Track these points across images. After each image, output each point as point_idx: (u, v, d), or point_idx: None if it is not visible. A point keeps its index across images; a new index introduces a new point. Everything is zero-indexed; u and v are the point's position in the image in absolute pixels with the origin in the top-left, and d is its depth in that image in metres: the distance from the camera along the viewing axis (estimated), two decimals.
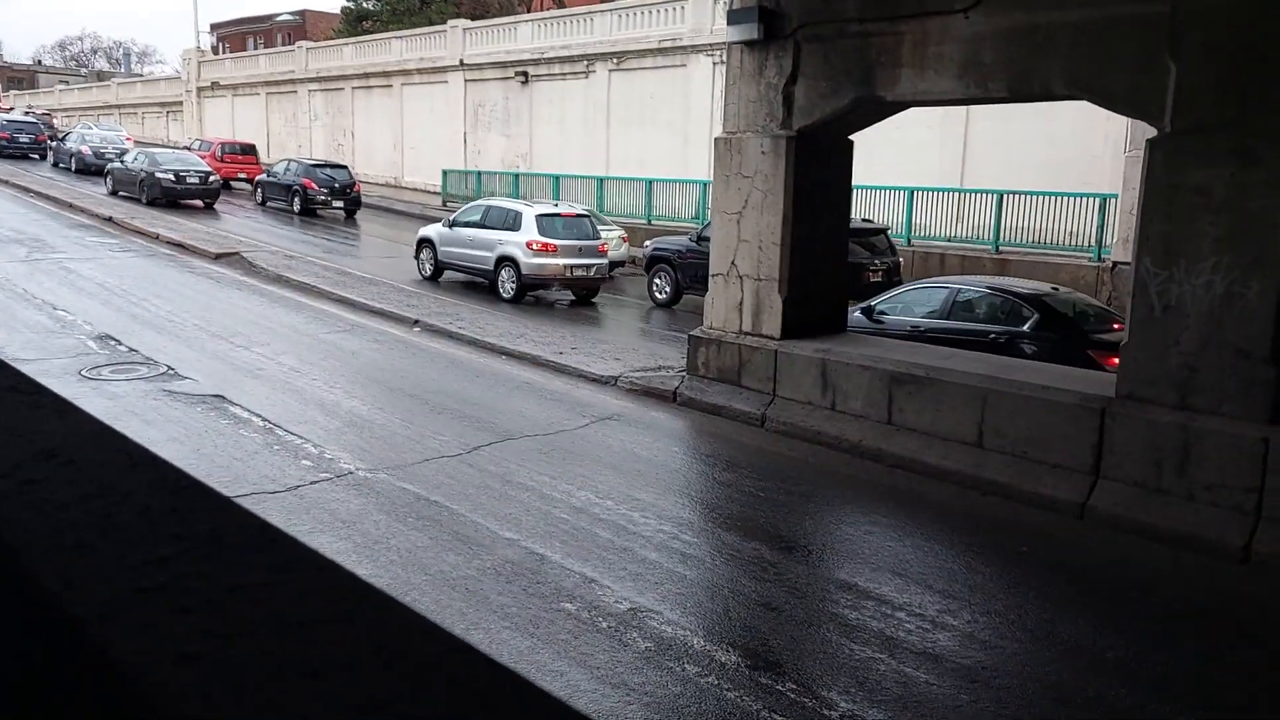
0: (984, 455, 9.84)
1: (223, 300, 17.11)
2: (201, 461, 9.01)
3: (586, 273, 19.03)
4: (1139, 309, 9.04)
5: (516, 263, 18.60)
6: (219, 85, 51.54)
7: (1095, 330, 11.81)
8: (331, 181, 31.02)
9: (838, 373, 11.12)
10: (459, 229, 20.10)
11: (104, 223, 25.33)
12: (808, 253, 11.93)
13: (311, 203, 30.61)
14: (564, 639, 6.24)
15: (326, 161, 33.72)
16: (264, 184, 32.66)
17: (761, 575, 7.46)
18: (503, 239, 18.92)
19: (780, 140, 11.64)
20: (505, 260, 18.84)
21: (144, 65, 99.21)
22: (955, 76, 10.18)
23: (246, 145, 38.85)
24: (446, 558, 7.34)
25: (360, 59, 42.12)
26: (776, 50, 11.65)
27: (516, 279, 18.70)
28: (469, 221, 20.02)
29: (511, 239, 18.75)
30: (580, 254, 18.84)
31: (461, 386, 12.52)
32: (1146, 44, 8.86)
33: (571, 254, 18.70)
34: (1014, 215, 19.96)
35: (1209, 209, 8.51)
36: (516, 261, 18.60)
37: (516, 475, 9.20)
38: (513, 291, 18.78)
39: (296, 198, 30.82)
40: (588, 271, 19.02)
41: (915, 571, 7.67)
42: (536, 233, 18.53)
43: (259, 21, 73.99)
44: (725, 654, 6.20)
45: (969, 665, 6.23)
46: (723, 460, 10.47)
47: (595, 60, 31.75)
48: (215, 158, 35.24)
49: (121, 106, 62.04)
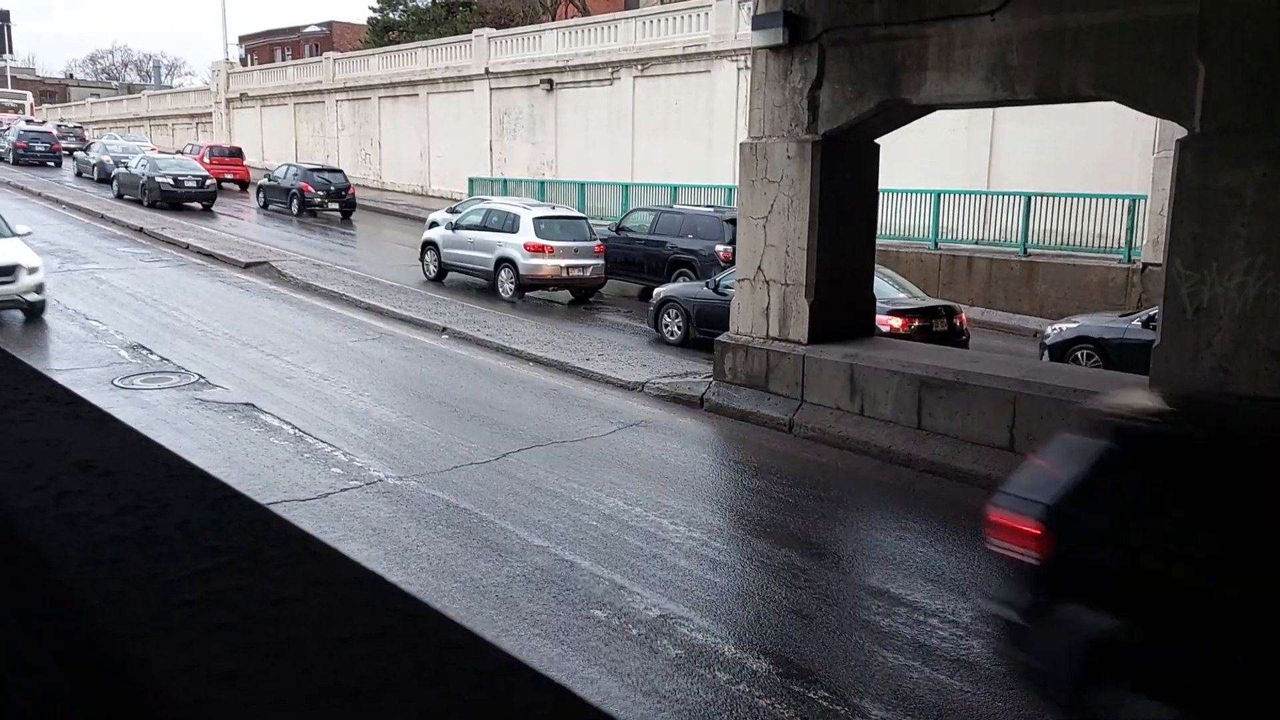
0: (1016, 460, 9.71)
1: (252, 309, 17.25)
2: (233, 470, 9.08)
3: (583, 273, 19.46)
4: (1170, 311, 8.93)
5: (515, 264, 19.16)
6: (248, 96, 52.05)
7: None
8: (328, 185, 32.61)
9: (866, 377, 11.06)
10: (461, 232, 20.70)
11: (135, 233, 25.62)
12: (835, 256, 11.88)
13: (309, 205, 32.14)
14: (594, 646, 6.23)
15: (323, 166, 35.39)
16: (265, 187, 34.15)
17: (792, 582, 7.41)
18: (502, 241, 19.49)
19: (806, 145, 11.60)
20: (504, 261, 19.41)
21: (174, 78, 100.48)
22: (982, 79, 10.12)
23: (233, 148, 41.60)
24: (477, 565, 7.35)
25: (387, 69, 42.41)
26: (801, 55, 11.62)
27: (515, 279, 19.24)
28: (470, 224, 20.65)
29: (510, 241, 19.32)
30: (576, 255, 19.30)
31: (489, 393, 12.55)
32: (1175, 45, 8.77)
33: (568, 255, 19.21)
34: (1042, 218, 19.77)
35: (1240, 210, 8.40)
36: (515, 263, 19.15)
37: (545, 482, 9.20)
38: (511, 291, 19.34)
39: (295, 200, 32.29)
40: (584, 272, 19.46)
41: (948, 577, 7.60)
42: (534, 235, 19.06)
43: (287, 33, 74.70)
44: (756, 661, 6.16)
45: (1005, 672, 6.15)
46: (751, 466, 10.42)
47: (620, 67, 31.80)
48: (203, 160, 37.12)
49: (152, 119, 62.75)
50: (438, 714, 0.59)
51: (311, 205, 32.20)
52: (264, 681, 0.61)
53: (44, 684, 0.75)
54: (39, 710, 0.79)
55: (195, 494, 0.93)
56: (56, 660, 0.74)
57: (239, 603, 0.72)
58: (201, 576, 0.76)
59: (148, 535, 0.83)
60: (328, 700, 0.60)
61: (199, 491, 0.94)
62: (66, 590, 0.74)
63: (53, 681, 0.74)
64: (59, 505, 0.89)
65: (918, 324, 13.54)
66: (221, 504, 0.91)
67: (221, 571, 0.77)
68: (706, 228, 19.49)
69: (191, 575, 0.76)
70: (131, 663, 0.64)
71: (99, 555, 0.79)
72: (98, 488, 0.93)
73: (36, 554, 0.80)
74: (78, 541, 0.81)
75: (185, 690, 0.60)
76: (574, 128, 33.86)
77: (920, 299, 14.76)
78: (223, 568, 0.77)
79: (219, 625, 0.68)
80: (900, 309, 13.66)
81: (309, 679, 0.62)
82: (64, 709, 0.76)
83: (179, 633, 0.67)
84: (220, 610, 0.70)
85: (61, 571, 0.77)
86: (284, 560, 0.80)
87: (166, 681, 0.61)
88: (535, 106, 35.21)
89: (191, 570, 0.77)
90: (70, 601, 0.73)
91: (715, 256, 18.68)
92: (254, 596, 0.73)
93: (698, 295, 15.50)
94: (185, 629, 0.67)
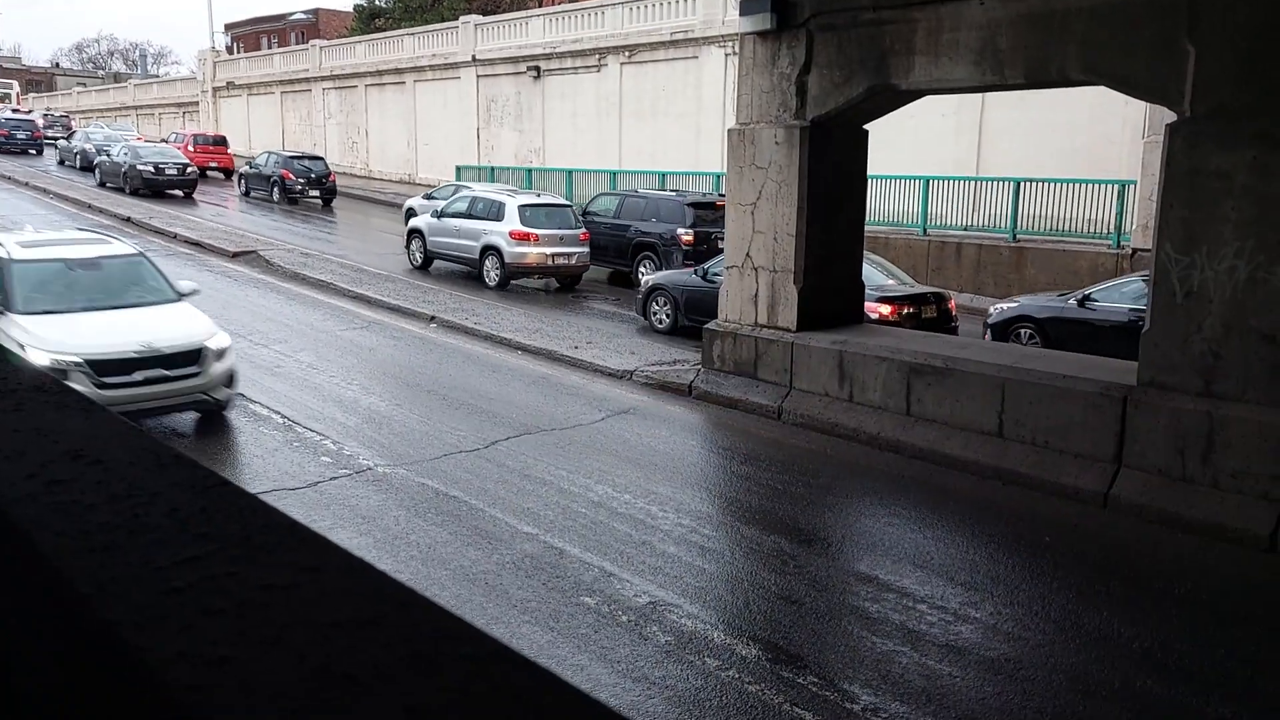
0: (1005, 445, 9.78)
1: (240, 298, 17.17)
2: (222, 458, 9.05)
3: (568, 261, 19.53)
4: (1160, 295, 8.96)
5: (500, 252, 19.21)
6: (234, 85, 51.70)
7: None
8: (308, 172, 33.03)
9: (855, 364, 11.07)
10: (447, 220, 20.68)
11: (123, 223, 25.46)
12: (823, 243, 11.88)
13: (290, 192, 32.63)
14: (584, 633, 6.24)
15: (303, 154, 35.77)
16: (247, 175, 34.48)
17: (782, 568, 7.43)
18: (487, 229, 19.52)
19: (794, 130, 11.58)
20: (490, 249, 19.45)
21: (160, 66, 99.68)
22: (971, 64, 10.11)
23: (218, 137, 42.06)
24: (466, 552, 7.35)
25: (373, 56, 42.16)
26: (789, 40, 11.59)
27: (501, 267, 19.30)
28: (456, 212, 20.65)
29: (495, 229, 19.34)
30: (562, 243, 19.37)
31: (478, 381, 12.53)
32: (1164, 27, 8.77)
33: (553, 243, 19.28)
34: (1031, 203, 19.79)
35: (1230, 194, 8.43)
36: (500, 250, 19.20)
37: (534, 469, 9.20)
38: (497, 279, 19.38)
39: (276, 188, 32.74)
40: (569, 260, 19.53)
41: (937, 563, 7.64)
42: (519, 223, 19.10)
43: (273, 21, 74.23)
44: (746, 647, 6.18)
45: (993, 657, 6.20)
46: (740, 453, 10.44)
47: (607, 54, 31.69)
48: (187, 149, 37.59)
49: (139, 108, 62.29)
50: (434, 701, 0.59)
51: (292, 192, 32.61)
52: (259, 668, 0.61)
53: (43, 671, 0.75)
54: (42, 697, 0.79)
55: (184, 482, 0.92)
56: (54, 648, 0.74)
57: (231, 589, 0.71)
58: (193, 563, 0.75)
59: (139, 523, 0.83)
60: (324, 687, 0.59)
61: (188, 479, 0.93)
62: (61, 578, 0.74)
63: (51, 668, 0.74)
64: (50, 493, 0.88)
65: (907, 311, 13.54)
66: (210, 492, 0.90)
67: (213, 558, 0.76)
68: (669, 212, 19.72)
69: (183, 562, 0.75)
70: (128, 650, 0.63)
71: (91, 543, 0.78)
72: (88, 476, 0.93)
73: (30, 542, 0.79)
74: (70, 530, 0.81)
75: (181, 676, 0.60)
76: (561, 115, 33.75)
77: (910, 285, 14.79)
78: (213, 555, 0.77)
79: (212, 611, 0.68)
80: (889, 296, 13.64)
81: (303, 665, 0.62)
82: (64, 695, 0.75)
83: (173, 619, 0.67)
84: (213, 597, 0.70)
85: (55, 560, 0.76)
86: (274, 547, 0.79)
87: (162, 668, 0.61)
88: (522, 94, 35.08)
89: (183, 557, 0.76)
90: (65, 590, 0.73)
91: (676, 239, 19.03)
92: (245, 583, 0.73)
93: (686, 282, 15.48)
94: (179, 616, 0.67)
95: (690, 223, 19.11)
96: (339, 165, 42.29)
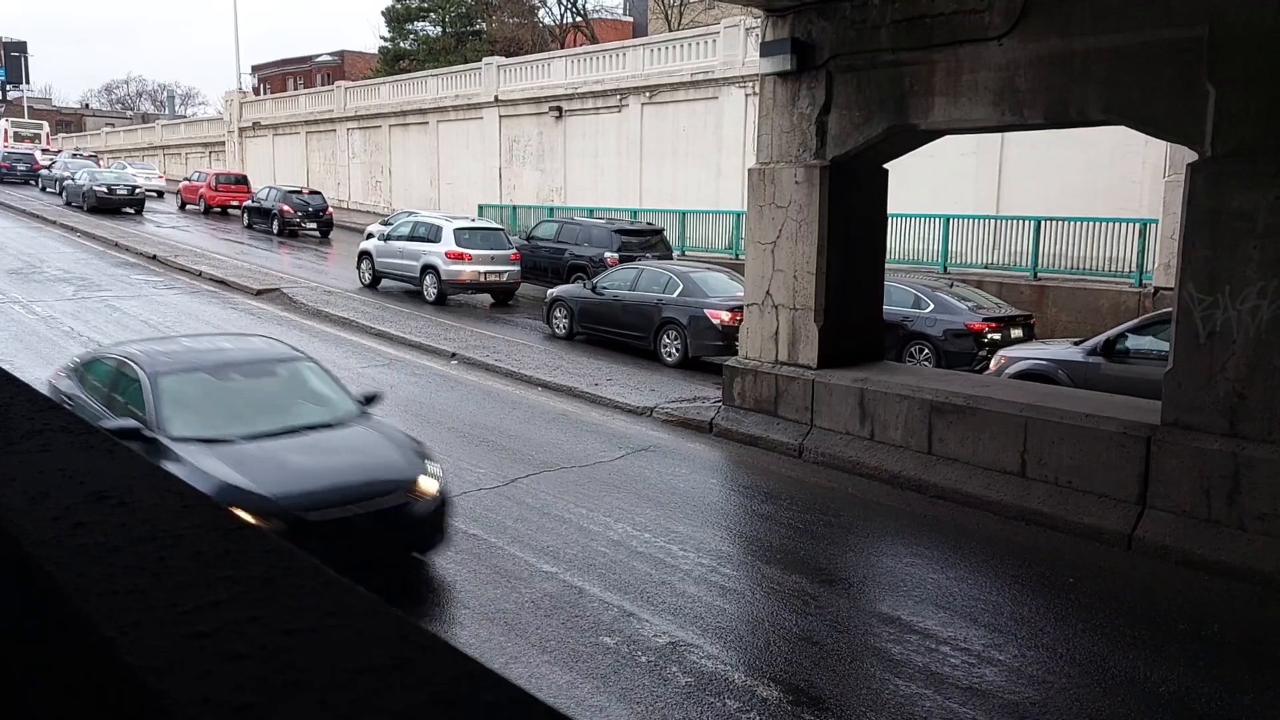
0: (1027, 485, 9.69)
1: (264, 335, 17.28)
2: None
3: (499, 278, 21.86)
4: (1183, 335, 8.89)
5: (438, 270, 21.41)
6: (260, 125, 52.43)
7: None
8: (306, 206, 34.91)
9: (876, 402, 11.03)
10: (392, 242, 23.05)
11: (149, 261, 25.79)
12: (843, 281, 11.89)
13: (289, 225, 34.37)
14: (604, 673, 6.20)
15: (302, 189, 37.70)
16: (250, 209, 36.43)
17: (803, 609, 7.37)
18: (426, 250, 21.79)
19: (814, 170, 11.64)
20: (428, 268, 21.67)
21: (188, 107, 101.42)
22: (990, 104, 10.14)
23: (239, 176, 43.67)
24: (486, 591, 7.33)
25: (397, 97, 42.70)
26: (809, 81, 11.67)
27: (438, 284, 21.53)
28: (400, 235, 23.00)
29: (433, 250, 21.61)
30: (493, 261, 21.67)
31: (498, 419, 12.55)
32: (1185, 68, 8.78)
33: (485, 262, 21.55)
34: (1052, 242, 19.75)
35: (1253, 233, 8.38)
36: (438, 269, 21.41)
37: (554, 507, 9.18)
38: (435, 295, 21.61)
39: (275, 220, 34.42)
40: (500, 277, 21.85)
41: (960, 604, 7.55)
42: (454, 244, 21.34)
43: (299, 63, 75.32)
44: (767, 689, 6.12)
45: (1017, 701, 6.10)
46: (761, 492, 10.39)
47: (628, 94, 31.96)
48: (210, 187, 40.57)
49: (166, 147, 63.22)
50: None
51: (291, 225, 34.34)
52: (281, 714, 0.61)
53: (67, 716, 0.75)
54: None
55: (208, 524, 0.93)
56: (77, 692, 0.75)
57: (254, 633, 0.72)
58: (216, 607, 0.76)
59: (163, 566, 0.83)
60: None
61: (212, 521, 0.94)
62: (85, 621, 0.75)
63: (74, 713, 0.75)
64: (74, 536, 0.89)
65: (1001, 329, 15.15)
66: (234, 534, 0.91)
67: (236, 602, 0.77)
68: (599, 238, 22.08)
69: (206, 606, 0.76)
70: (150, 695, 0.64)
71: (115, 586, 0.79)
72: (113, 518, 0.94)
73: (54, 585, 0.80)
74: (94, 572, 0.82)
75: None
76: (583, 154, 34.00)
77: (1003, 308, 16.29)
78: (237, 598, 0.78)
79: (235, 656, 0.69)
80: (991, 316, 15.29)
81: (325, 711, 0.62)
82: None
83: (195, 664, 0.67)
84: (235, 641, 0.71)
85: (79, 602, 0.77)
86: (297, 590, 0.80)
87: (184, 714, 0.61)
88: (544, 134, 35.39)
89: (206, 601, 0.77)
90: (88, 633, 0.73)
91: (604, 262, 20.99)
92: (268, 627, 0.73)
93: (580, 295, 18.20)
94: (201, 661, 0.68)
95: (617, 247, 21.39)
96: (363, 204, 42.71)
